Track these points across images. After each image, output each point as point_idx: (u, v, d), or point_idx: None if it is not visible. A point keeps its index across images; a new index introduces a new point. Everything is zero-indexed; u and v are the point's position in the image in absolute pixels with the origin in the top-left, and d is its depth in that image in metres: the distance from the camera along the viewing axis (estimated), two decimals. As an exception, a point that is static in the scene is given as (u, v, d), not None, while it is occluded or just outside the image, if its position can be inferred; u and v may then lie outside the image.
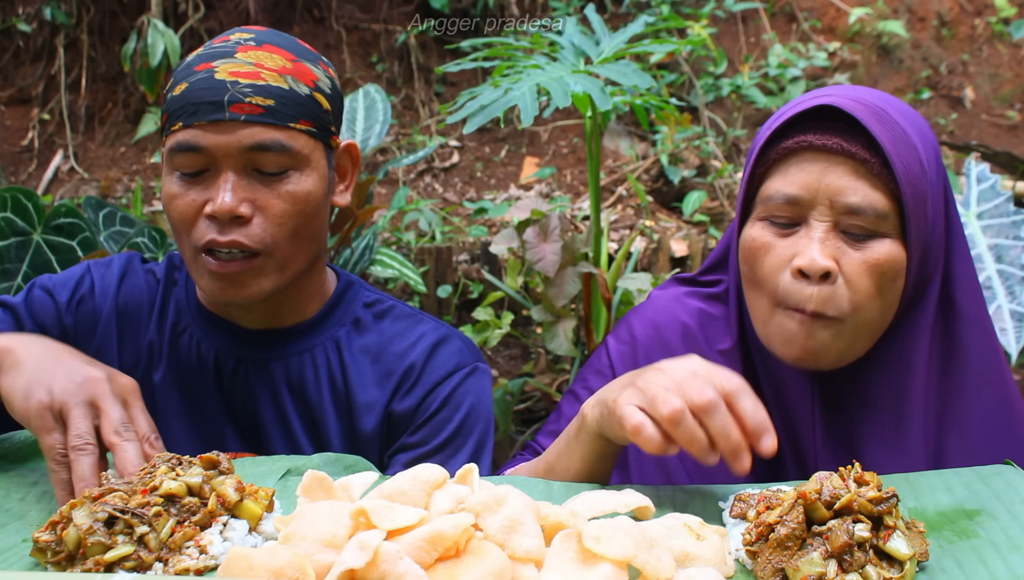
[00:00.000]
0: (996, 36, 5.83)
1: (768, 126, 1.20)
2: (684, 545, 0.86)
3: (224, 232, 1.20)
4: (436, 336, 1.38)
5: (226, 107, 1.19)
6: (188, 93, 1.21)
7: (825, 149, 1.13)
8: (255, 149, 1.20)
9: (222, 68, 1.21)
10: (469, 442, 1.33)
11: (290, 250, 1.25)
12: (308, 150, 1.25)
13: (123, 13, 5.09)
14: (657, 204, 4.56)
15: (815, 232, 1.13)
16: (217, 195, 1.20)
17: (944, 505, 0.99)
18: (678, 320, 1.34)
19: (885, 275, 1.13)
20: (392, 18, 5.40)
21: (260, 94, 1.21)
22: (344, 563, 0.76)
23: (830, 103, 1.14)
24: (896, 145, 1.12)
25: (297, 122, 1.23)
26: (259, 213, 1.22)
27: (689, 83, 5.27)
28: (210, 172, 1.22)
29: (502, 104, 2.00)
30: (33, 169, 4.99)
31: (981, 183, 2.97)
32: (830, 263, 1.11)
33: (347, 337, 1.37)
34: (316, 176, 1.26)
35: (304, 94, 1.25)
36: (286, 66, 1.25)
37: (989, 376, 1.22)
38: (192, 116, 1.20)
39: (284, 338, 1.35)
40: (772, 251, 1.16)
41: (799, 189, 1.14)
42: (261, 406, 1.33)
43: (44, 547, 0.85)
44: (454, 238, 4.01)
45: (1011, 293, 2.78)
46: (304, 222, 1.25)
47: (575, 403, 1.34)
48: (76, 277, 1.39)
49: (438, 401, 1.33)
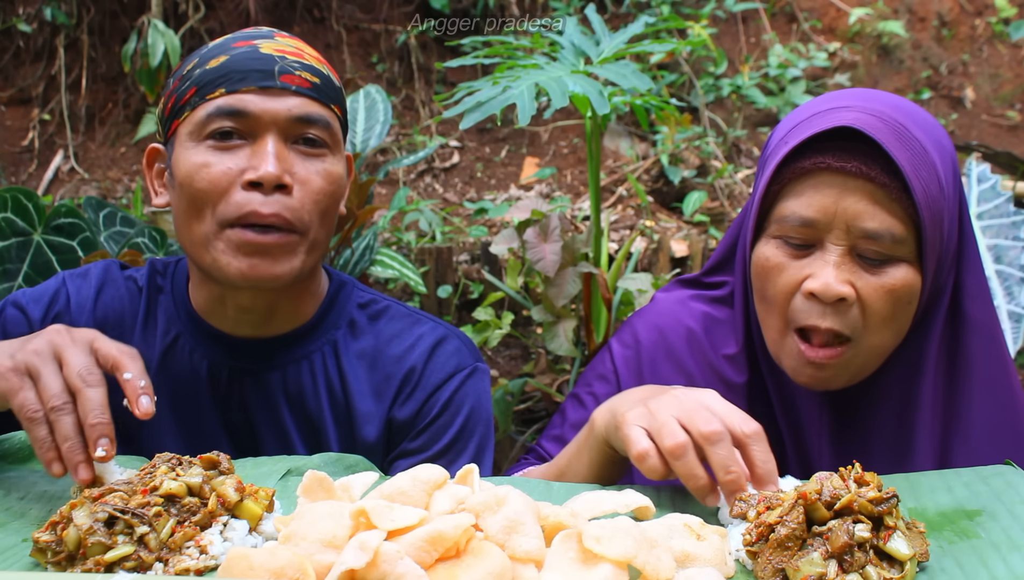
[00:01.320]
0: (996, 36, 5.83)
1: (784, 140, 1.16)
2: (684, 545, 0.86)
3: (267, 203, 1.16)
4: (434, 337, 1.35)
5: (277, 76, 1.19)
6: (232, 63, 1.19)
7: (843, 172, 1.10)
8: (302, 120, 1.20)
9: (266, 45, 1.22)
10: (470, 446, 1.31)
11: (321, 232, 1.23)
12: (339, 137, 1.26)
13: (123, 13, 5.09)
14: (657, 204, 4.56)
15: (831, 256, 1.11)
16: (261, 163, 1.16)
17: (944, 505, 0.99)
18: (683, 324, 1.33)
19: (901, 300, 1.12)
20: (392, 18, 5.40)
21: (307, 71, 1.22)
22: (344, 563, 0.76)
23: (849, 123, 1.10)
24: (916, 167, 1.10)
25: (336, 105, 1.26)
26: (299, 187, 1.20)
27: (689, 83, 5.27)
28: (247, 141, 1.19)
29: (500, 102, 1.99)
30: (33, 169, 4.99)
31: (981, 183, 2.97)
32: (846, 289, 1.10)
33: (344, 341, 1.33)
34: (341, 165, 1.27)
35: (337, 85, 1.28)
36: (320, 57, 1.28)
37: (995, 383, 1.21)
38: (240, 82, 1.18)
39: (280, 345, 1.31)
40: (785, 272, 1.14)
41: (815, 212, 1.11)
42: (257, 418, 1.29)
43: (44, 547, 0.85)
44: (454, 238, 4.01)
45: (1009, 294, 2.78)
46: (333, 205, 1.25)
47: (580, 409, 1.34)
48: (51, 292, 1.33)
49: (438, 406, 1.31)
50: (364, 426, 1.30)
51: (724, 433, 0.95)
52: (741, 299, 1.28)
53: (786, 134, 1.17)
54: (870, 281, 1.11)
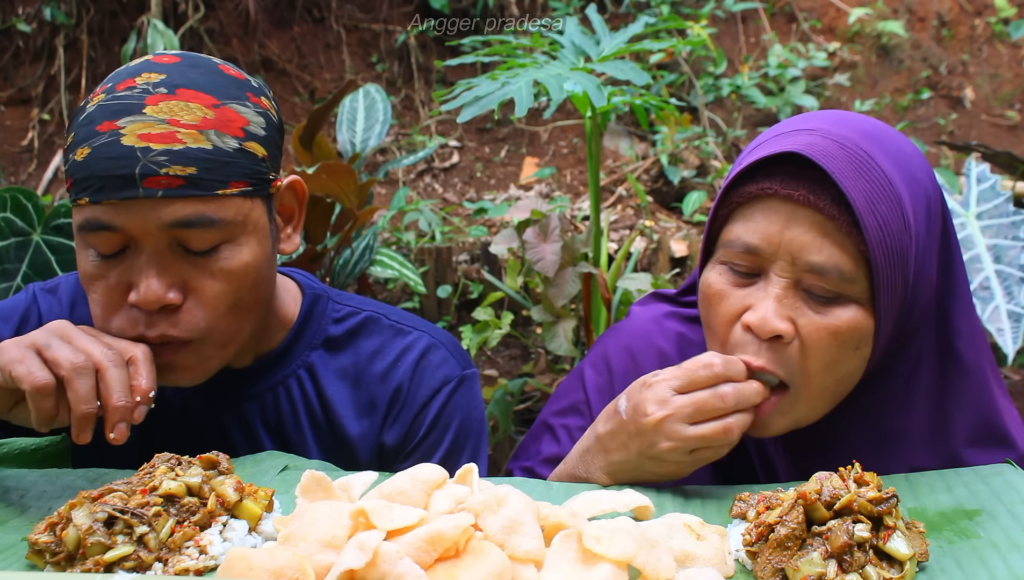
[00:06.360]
0: (996, 36, 5.83)
1: (738, 162, 1.11)
2: (684, 545, 0.86)
3: (151, 324, 1.05)
4: (418, 351, 1.28)
5: (139, 182, 1.01)
6: (91, 162, 1.02)
7: (790, 199, 1.02)
8: (177, 226, 1.03)
9: (129, 129, 1.01)
10: (462, 460, 1.27)
11: (231, 328, 1.11)
12: (243, 215, 1.08)
13: (123, 13, 5.09)
14: (657, 204, 4.56)
15: (773, 288, 1.03)
16: (140, 281, 1.04)
17: (944, 505, 0.99)
18: (655, 346, 1.28)
19: (846, 344, 1.03)
20: (392, 18, 5.40)
21: (178, 162, 1.02)
22: (344, 563, 0.76)
23: (799, 149, 1.02)
24: (872, 200, 1.01)
25: (227, 186, 1.05)
26: (191, 296, 1.07)
27: (689, 83, 5.27)
28: (130, 249, 1.05)
29: (498, 96, 2.00)
30: (33, 169, 4.98)
31: (981, 183, 2.97)
32: (784, 325, 1.02)
33: (321, 361, 1.26)
34: (254, 241, 1.10)
35: (232, 150, 1.06)
36: (207, 117, 1.05)
37: (985, 431, 1.16)
38: (99, 192, 1.01)
39: (252, 375, 1.23)
40: (726, 300, 1.08)
41: (760, 240, 1.04)
42: (239, 450, 1.23)
43: (43, 548, 0.85)
44: (454, 238, 4.01)
45: (1009, 293, 2.78)
46: (244, 296, 1.10)
47: (554, 443, 1.29)
48: (21, 309, 1.26)
49: (425, 425, 1.25)
50: (354, 449, 1.25)
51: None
52: None
53: (744, 155, 1.11)
54: (813, 319, 1.03)
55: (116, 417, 0.95)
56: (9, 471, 1.11)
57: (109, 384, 0.96)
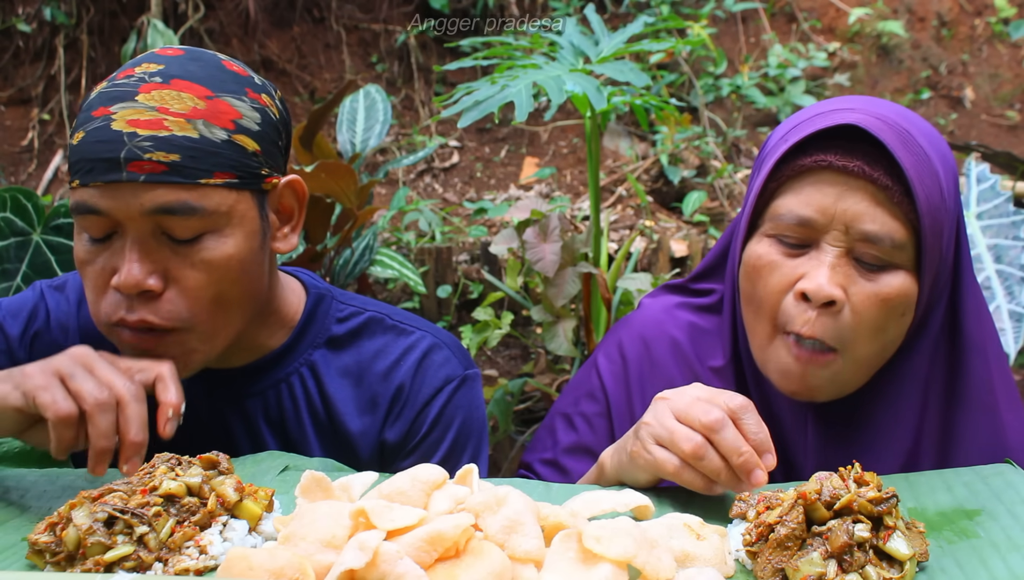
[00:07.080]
0: (996, 36, 5.83)
1: (784, 138, 1.13)
2: (684, 545, 0.86)
3: (132, 309, 1.06)
4: (421, 350, 1.29)
5: (123, 166, 1.03)
6: (83, 146, 1.05)
7: (845, 171, 1.06)
8: (159, 212, 1.05)
9: (120, 115, 1.04)
10: (463, 459, 1.28)
11: (215, 321, 1.11)
12: (227, 206, 1.08)
13: (123, 13, 5.09)
14: (657, 204, 4.56)
15: (826, 256, 1.07)
16: (122, 265, 1.05)
17: (944, 505, 0.99)
18: (668, 335, 1.29)
19: (895, 310, 1.08)
20: (392, 18, 5.40)
21: (162, 148, 1.03)
22: (344, 563, 0.76)
23: (854, 122, 1.07)
24: (919, 172, 1.06)
25: (211, 176, 1.06)
26: (172, 285, 1.08)
27: (689, 83, 5.27)
28: (117, 234, 1.07)
29: (498, 100, 2.00)
30: (33, 169, 4.98)
31: (981, 183, 2.97)
32: (837, 291, 1.06)
33: (323, 360, 1.27)
34: (240, 234, 1.10)
35: (220, 141, 1.07)
36: (197, 107, 1.06)
37: (986, 405, 1.18)
38: (87, 174, 1.04)
39: (254, 372, 1.25)
40: (777, 270, 1.10)
41: (814, 211, 1.08)
42: (241, 447, 1.24)
43: (43, 548, 0.85)
44: (454, 238, 4.01)
45: (1010, 293, 2.78)
46: (227, 289, 1.10)
47: (571, 431, 1.31)
48: (29, 306, 1.26)
49: (427, 424, 1.26)
50: (355, 446, 1.25)
51: (724, 418, 0.95)
52: (729, 309, 1.24)
53: (787, 133, 1.14)
54: (864, 287, 1.07)
55: (131, 451, 0.96)
56: (9, 471, 1.11)
57: (128, 419, 0.96)
